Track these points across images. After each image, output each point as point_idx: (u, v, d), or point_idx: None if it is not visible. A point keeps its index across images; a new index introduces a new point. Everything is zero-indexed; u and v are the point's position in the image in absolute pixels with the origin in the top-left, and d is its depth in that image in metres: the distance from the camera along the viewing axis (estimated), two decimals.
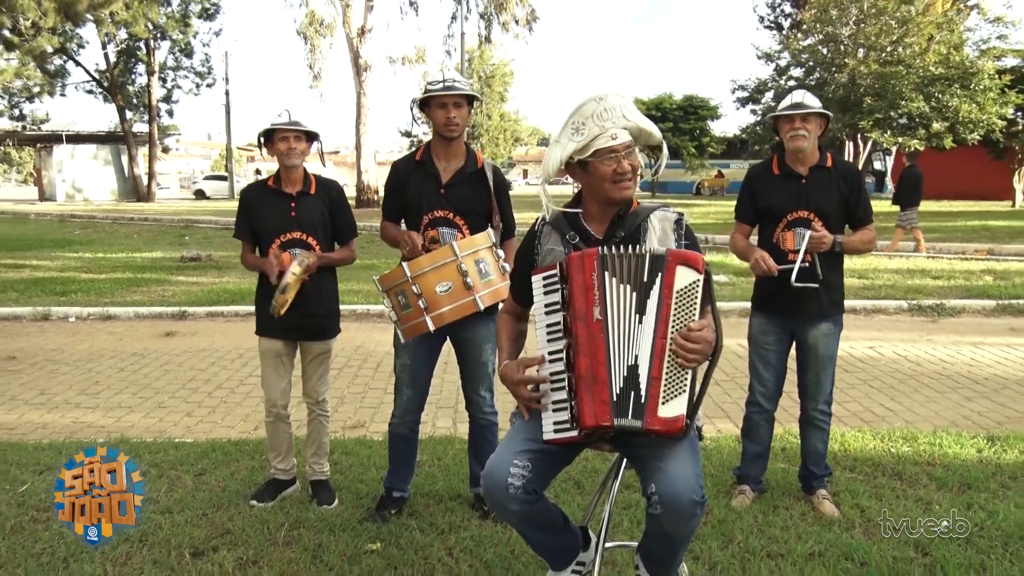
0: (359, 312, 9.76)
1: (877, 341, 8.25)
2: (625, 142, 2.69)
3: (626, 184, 2.72)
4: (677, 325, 2.54)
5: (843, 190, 3.98)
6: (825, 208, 3.96)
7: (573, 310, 2.60)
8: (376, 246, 13.91)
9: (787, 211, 3.98)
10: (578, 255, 2.64)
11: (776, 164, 4.09)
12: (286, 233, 4.02)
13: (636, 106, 2.78)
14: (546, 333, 2.68)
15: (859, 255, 4.33)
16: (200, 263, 14.37)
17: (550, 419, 2.65)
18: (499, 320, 3.09)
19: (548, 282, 2.69)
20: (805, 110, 3.92)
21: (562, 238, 2.84)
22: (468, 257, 3.64)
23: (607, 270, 2.59)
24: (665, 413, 2.51)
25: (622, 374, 2.54)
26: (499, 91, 55.43)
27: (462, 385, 4.12)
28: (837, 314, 4.09)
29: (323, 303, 4.14)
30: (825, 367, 4.09)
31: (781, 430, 5.07)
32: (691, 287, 2.56)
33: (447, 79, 3.84)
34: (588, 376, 2.56)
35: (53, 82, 38.55)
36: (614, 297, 2.58)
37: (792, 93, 4.09)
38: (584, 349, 2.57)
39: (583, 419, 2.55)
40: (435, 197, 3.89)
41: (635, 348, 2.55)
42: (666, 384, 2.52)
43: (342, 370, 7.20)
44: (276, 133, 3.98)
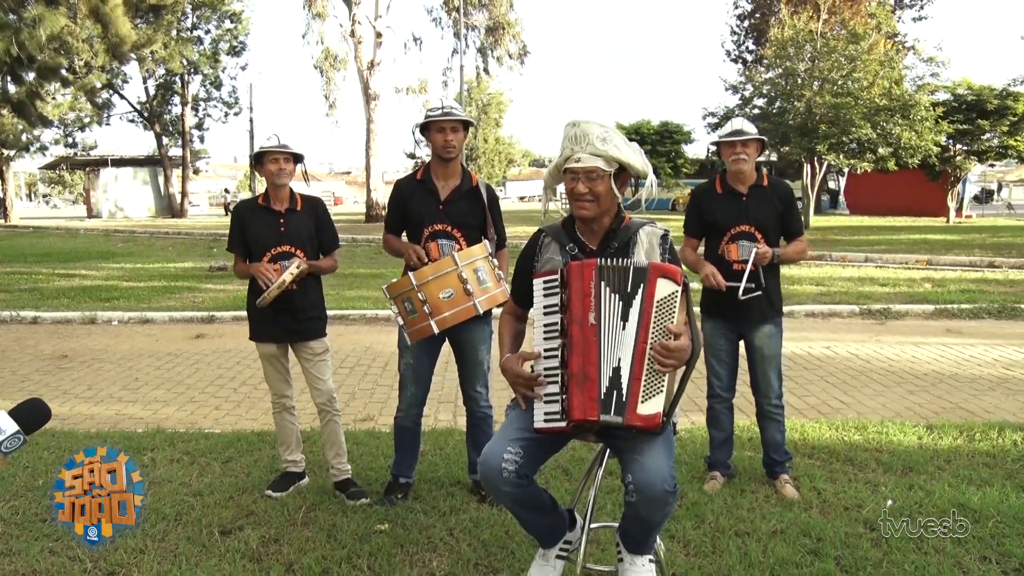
0: (368, 316, 9.72)
1: (833, 341, 8.24)
2: (587, 166, 2.66)
3: (580, 204, 2.71)
4: (657, 331, 2.53)
5: (779, 206, 4.02)
6: (764, 222, 3.98)
7: (570, 313, 2.59)
8: (384, 256, 13.90)
9: (731, 225, 4.00)
10: (579, 264, 2.62)
11: (719, 183, 4.10)
12: (276, 247, 3.96)
13: (619, 132, 2.75)
14: (543, 332, 2.66)
15: (794, 263, 4.36)
16: (226, 272, 14.29)
17: (541, 410, 2.63)
18: (501, 320, 3.07)
19: (548, 286, 2.67)
20: (744, 136, 3.95)
21: (561, 248, 2.82)
22: (467, 267, 3.63)
23: (603, 279, 2.58)
24: (644, 411, 2.50)
25: (608, 375, 2.53)
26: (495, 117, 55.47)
27: (460, 382, 4.09)
28: (777, 317, 4.10)
29: (311, 307, 4.06)
30: (771, 364, 4.10)
31: (748, 422, 5.05)
32: (670, 297, 2.55)
33: (445, 106, 3.83)
34: (580, 374, 2.54)
35: (101, 113, 38.54)
36: (606, 304, 2.56)
37: (732, 121, 4.10)
38: (578, 349, 2.56)
39: (572, 413, 2.54)
40: (435, 212, 3.88)
41: (619, 351, 2.53)
42: (645, 385, 2.51)
43: (353, 368, 7.17)
44: (266, 155, 3.92)
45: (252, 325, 4.11)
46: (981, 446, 4.71)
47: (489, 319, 3.96)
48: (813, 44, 22.42)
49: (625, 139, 2.74)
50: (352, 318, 9.67)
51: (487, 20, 32.05)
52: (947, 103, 24.66)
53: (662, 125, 36.03)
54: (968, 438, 4.86)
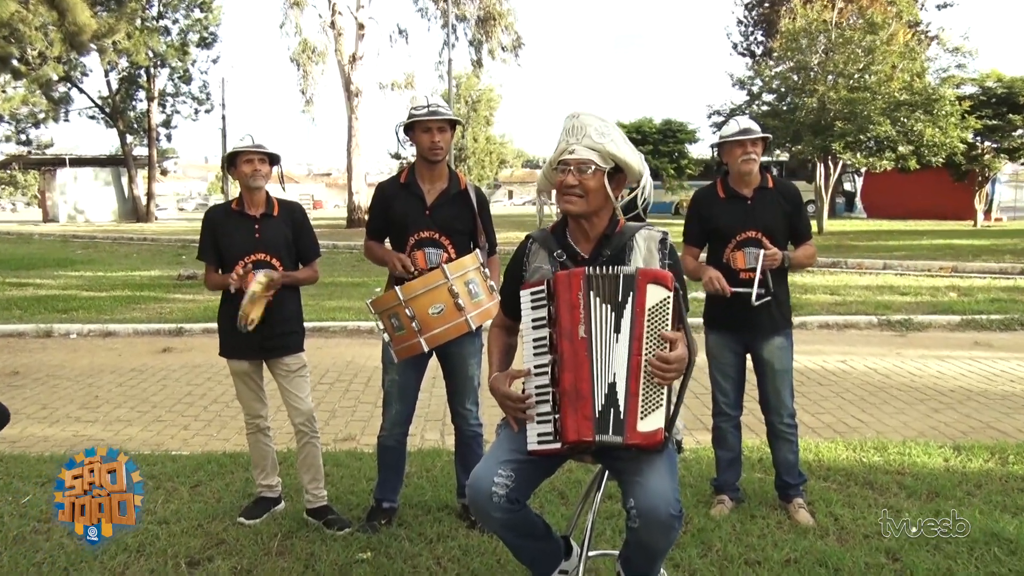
0: (350, 329, 9.72)
1: (849, 355, 8.27)
2: (580, 158, 2.68)
3: (568, 198, 2.71)
4: (651, 342, 2.53)
5: (786, 209, 4.03)
6: (772, 227, 3.99)
7: (559, 327, 2.59)
8: (367, 264, 13.89)
9: (736, 231, 4.00)
10: (565, 274, 2.63)
11: (721, 187, 4.10)
12: (251, 255, 3.94)
13: (619, 129, 2.76)
14: (532, 347, 2.67)
15: (803, 269, 4.38)
16: (196, 281, 14.24)
17: (534, 431, 2.63)
18: (490, 334, 3.08)
19: (535, 298, 2.68)
20: (753, 135, 3.96)
21: (549, 256, 2.83)
22: (458, 279, 3.64)
23: (592, 290, 2.58)
24: (644, 428, 2.50)
25: (603, 391, 2.53)
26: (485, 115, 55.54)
27: (448, 399, 4.09)
28: (788, 327, 4.11)
29: (286, 321, 4.03)
30: (783, 380, 4.10)
31: (757, 441, 5.06)
32: (662, 304, 2.55)
33: (431, 104, 3.83)
34: (572, 392, 2.55)
35: (57, 108, 38.41)
36: (597, 316, 2.57)
37: (736, 119, 4.11)
38: (568, 365, 2.56)
39: (566, 434, 2.54)
40: (421, 218, 3.88)
41: (613, 365, 2.54)
42: (643, 400, 2.51)
43: (333, 385, 7.16)
44: (240, 156, 3.91)
45: (223, 340, 4.10)
46: (1016, 469, 4.70)
47: (480, 332, 3.97)
48: (827, 35, 22.55)
49: (625, 137, 2.76)
50: (332, 330, 9.66)
51: (478, 10, 32.12)
52: (974, 97, 24.58)
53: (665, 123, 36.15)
54: (1001, 460, 4.85)
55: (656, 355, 2.51)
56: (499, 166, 60.50)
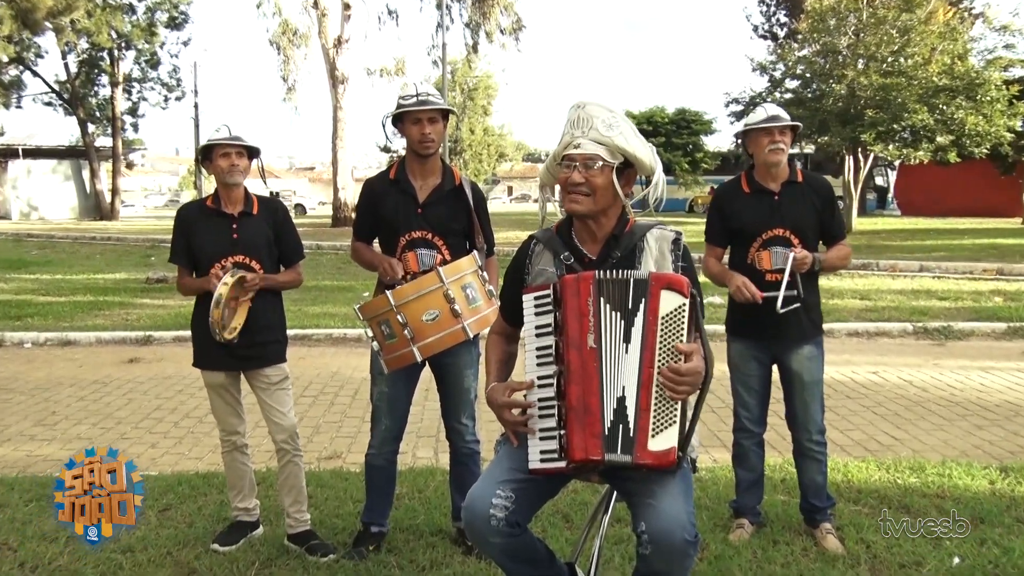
0: (335, 336, 9.74)
1: (881, 366, 8.29)
2: (586, 153, 2.69)
3: (573, 197, 2.73)
4: (664, 353, 2.54)
5: (817, 205, 4.03)
6: (801, 224, 3.99)
7: (566, 336, 2.60)
8: (354, 267, 13.87)
9: (762, 230, 4.01)
10: (573, 278, 2.63)
11: (745, 182, 4.11)
12: (228, 256, 3.94)
13: (628, 121, 2.77)
14: (536, 357, 2.68)
15: (835, 272, 4.36)
16: (167, 284, 14.25)
17: (536, 448, 2.64)
18: (488, 341, 3.09)
19: (540, 303, 2.69)
20: (782, 123, 3.96)
21: (555, 258, 2.84)
22: (454, 283, 3.64)
23: (603, 295, 2.59)
24: (656, 446, 2.51)
25: (612, 406, 2.54)
26: (482, 104, 55.59)
27: (443, 413, 4.11)
28: (818, 336, 4.11)
29: (266, 329, 4.04)
30: (812, 393, 4.10)
31: (780, 460, 5.07)
32: (677, 312, 2.56)
33: (420, 93, 3.83)
34: (579, 407, 2.56)
35: (8, 93, 38.32)
36: (607, 324, 2.58)
37: (764, 106, 4.11)
38: (576, 378, 2.57)
39: (572, 452, 2.55)
40: (412, 217, 3.89)
41: (623, 378, 2.55)
42: (655, 415, 2.52)
43: (317, 398, 7.18)
44: (216, 149, 3.91)
45: (197, 350, 4.11)
46: None
47: (477, 340, 3.97)
48: (858, 14, 22.52)
49: (635, 129, 2.77)
50: (316, 338, 9.68)
51: None
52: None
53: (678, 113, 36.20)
54: None
55: (668, 367, 2.52)
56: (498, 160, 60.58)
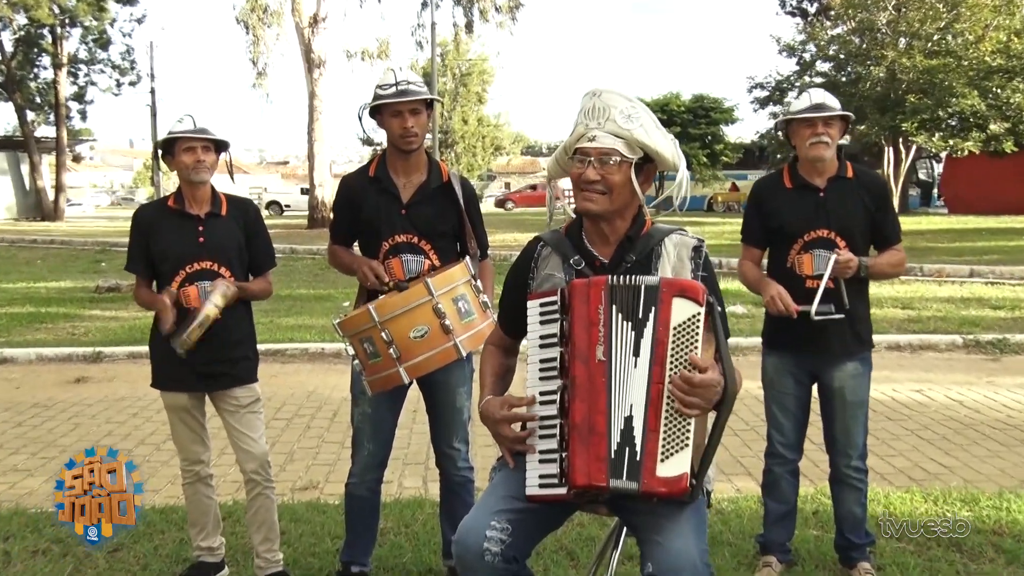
0: (312, 351, 9.73)
1: (926, 383, 8.26)
2: (602, 147, 2.71)
3: (587, 196, 2.75)
4: (676, 367, 2.54)
5: (868, 204, 4.02)
6: (848, 226, 3.98)
7: (573, 347, 2.61)
8: (332, 273, 13.89)
9: (804, 230, 4.00)
10: (583, 283, 2.65)
11: (788, 176, 4.12)
12: (193, 263, 3.92)
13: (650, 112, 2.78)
14: (538, 370, 2.69)
15: (886, 280, 4.36)
16: (120, 294, 14.22)
17: (535, 471, 2.65)
18: (483, 353, 3.11)
19: (546, 311, 2.70)
20: (827, 112, 3.94)
21: (564, 262, 2.86)
22: (445, 295, 3.61)
23: (615, 303, 2.61)
24: (665, 472, 2.51)
25: (619, 426, 2.55)
26: (476, 91, 55.65)
27: (432, 436, 4.12)
28: (865, 351, 4.11)
29: (235, 345, 4.04)
30: (855, 415, 4.10)
31: (812, 489, 5.08)
32: (690, 322, 2.56)
33: (400, 82, 3.81)
34: (584, 426, 2.56)
35: None
36: (618, 336, 2.59)
37: (809, 92, 4.10)
38: (582, 394, 2.58)
39: (574, 476, 2.55)
40: (396, 219, 3.90)
41: (630, 395, 2.56)
42: (665, 437, 2.52)
43: (291, 421, 7.18)
44: (178, 143, 3.90)
45: (156, 368, 4.11)
46: None
47: (471, 357, 3.97)
48: None
49: (656, 121, 2.79)
50: (290, 354, 9.68)
51: None
52: None
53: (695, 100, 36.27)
54: None
55: (680, 375, 2.52)
56: (493, 153, 60.61)
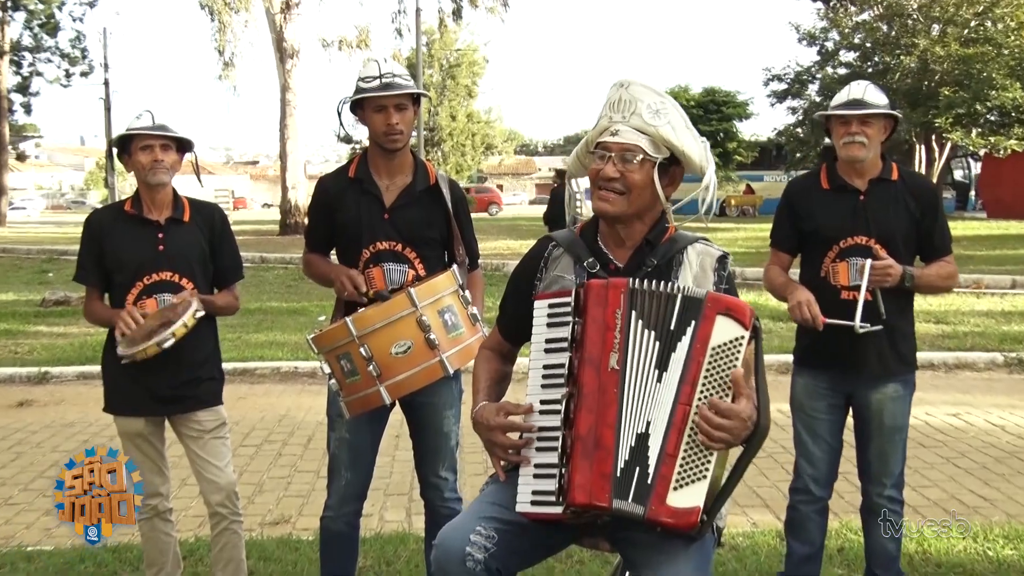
0: (284, 371, 9.72)
1: (963, 406, 8.26)
2: (624, 142, 2.72)
3: (604, 195, 2.76)
4: (707, 392, 2.53)
5: (914, 211, 3.99)
6: (890, 233, 3.96)
7: (584, 352, 2.60)
8: (307, 284, 13.89)
9: (840, 236, 3.99)
10: (601, 283, 2.65)
11: (825, 176, 4.10)
12: (151, 273, 3.91)
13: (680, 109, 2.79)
14: (542, 376, 2.68)
15: (934, 294, 4.34)
16: (69, 308, 14.19)
17: (529, 486, 2.63)
18: (478, 357, 3.11)
19: (556, 312, 2.69)
20: (865, 109, 3.92)
21: (576, 264, 2.87)
22: (430, 307, 3.60)
23: (635, 308, 2.60)
24: (677, 501, 2.49)
25: (629, 443, 2.54)
26: (466, 84, 55.78)
27: (417, 464, 4.11)
28: (907, 372, 4.09)
29: (198, 364, 4.03)
30: (892, 441, 4.07)
31: (838, 523, 5.07)
32: (731, 345, 2.55)
33: (385, 74, 3.81)
34: (589, 439, 2.55)
35: None
36: (636, 344, 2.59)
37: (851, 85, 4.09)
38: (590, 404, 2.57)
39: (573, 493, 2.52)
40: (377, 224, 3.90)
41: (649, 412, 2.55)
42: (683, 464, 2.51)
43: (261, 447, 7.16)
44: (135, 141, 3.89)
45: (109, 390, 4.08)
46: None
47: (459, 375, 3.97)
48: None
49: (687, 120, 2.80)
50: (260, 373, 9.67)
51: None
52: None
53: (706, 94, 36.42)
54: None
55: (709, 402, 2.51)
56: (484, 153, 60.73)
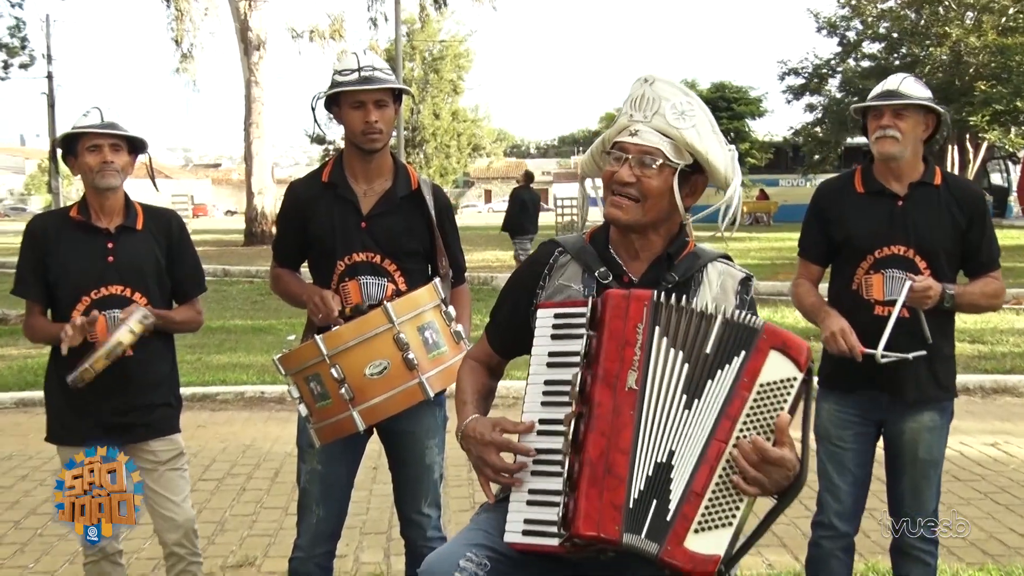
0: (249, 396, 9.70)
1: (1003, 435, 8.23)
2: (643, 144, 2.69)
3: (617, 201, 2.73)
4: (748, 431, 2.48)
5: (959, 220, 3.96)
6: (930, 243, 3.93)
7: (598, 368, 2.56)
8: (274, 299, 13.87)
9: (875, 245, 3.96)
10: (622, 294, 2.61)
11: (860, 178, 4.09)
12: (99, 287, 3.89)
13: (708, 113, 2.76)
14: (542, 393, 2.64)
15: (977, 314, 4.31)
16: (7, 326, 14.16)
17: (521, 514, 2.58)
18: (462, 368, 3.07)
19: (565, 321, 2.65)
20: (898, 100, 3.90)
21: (585, 273, 2.84)
22: (408, 323, 3.62)
23: (659, 324, 2.56)
24: (696, 546, 2.44)
25: (646, 471, 2.49)
26: (451, 79, 55.89)
27: (396, 500, 4.10)
28: (945, 399, 4.06)
29: (152, 388, 4.03)
30: (927, 475, 4.05)
31: (863, 565, 5.07)
32: (782, 385, 2.50)
33: (364, 67, 3.82)
34: (600, 464, 2.49)
35: None
36: (659, 363, 2.54)
37: (890, 78, 4.07)
38: (602, 425, 2.51)
39: (578, 523, 2.46)
40: (353, 234, 3.90)
41: (672, 440, 2.50)
42: (709, 506, 2.46)
43: (223, 481, 7.13)
44: (82, 141, 3.89)
45: (52, 418, 4.07)
46: None
47: (442, 400, 3.97)
48: None
49: (715, 124, 2.78)
50: (222, 399, 9.65)
51: None
52: None
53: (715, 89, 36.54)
54: None
55: (752, 442, 2.45)
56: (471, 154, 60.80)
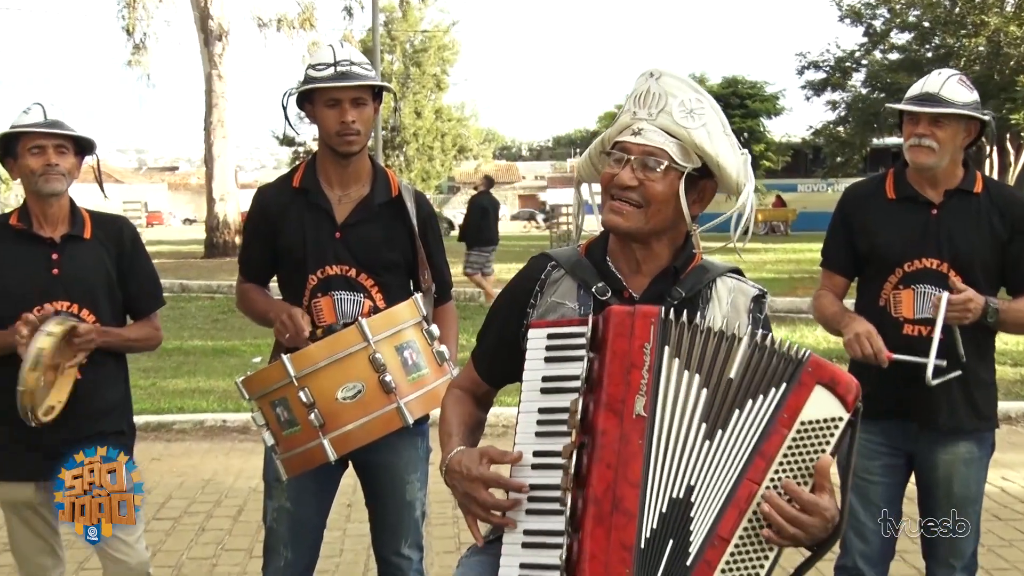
0: (209, 425, 9.67)
1: None
2: (647, 144, 2.66)
3: (616, 207, 2.69)
4: (784, 473, 2.43)
5: (1000, 231, 3.95)
6: (967, 256, 3.92)
7: (601, 393, 2.50)
8: (237, 317, 13.87)
9: (905, 258, 3.97)
10: (626, 311, 2.55)
11: (892, 183, 4.09)
12: (43, 302, 3.89)
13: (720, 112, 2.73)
14: (536, 423, 2.58)
15: (1020, 333, 4.29)
16: None
17: (516, 558, 2.53)
18: (446, 398, 3.02)
19: (558, 343, 2.59)
20: (938, 107, 3.86)
21: (581, 290, 2.80)
22: (385, 341, 3.62)
23: (668, 344, 2.50)
24: None
25: (659, 508, 2.43)
26: (434, 73, 55.84)
27: (373, 540, 4.12)
28: (985, 429, 4.05)
29: (102, 415, 4.05)
30: (965, 511, 4.03)
31: None
32: (825, 425, 2.44)
33: (340, 61, 3.82)
34: (607, 499, 2.43)
35: None
36: (672, 388, 2.48)
37: (930, 75, 4.03)
38: (608, 456, 2.45)
39: (582, 566, 2.41)
40: (327, 244, 3.91)
41: (690, 474, 2.44)
42: (735, 555, 2.40)
43: (180, 520, 7.12)
44: (23, 141, 3.89)
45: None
46: None
47: (425, 429, 3.99)
48: None
49: (726, 124, 2.74)
50: (179, 428, 9.64)
51: None
52: None
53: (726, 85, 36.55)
54: None
55: (786, 487, 2.40)
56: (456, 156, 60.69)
